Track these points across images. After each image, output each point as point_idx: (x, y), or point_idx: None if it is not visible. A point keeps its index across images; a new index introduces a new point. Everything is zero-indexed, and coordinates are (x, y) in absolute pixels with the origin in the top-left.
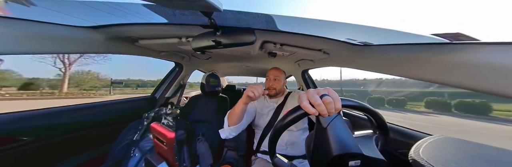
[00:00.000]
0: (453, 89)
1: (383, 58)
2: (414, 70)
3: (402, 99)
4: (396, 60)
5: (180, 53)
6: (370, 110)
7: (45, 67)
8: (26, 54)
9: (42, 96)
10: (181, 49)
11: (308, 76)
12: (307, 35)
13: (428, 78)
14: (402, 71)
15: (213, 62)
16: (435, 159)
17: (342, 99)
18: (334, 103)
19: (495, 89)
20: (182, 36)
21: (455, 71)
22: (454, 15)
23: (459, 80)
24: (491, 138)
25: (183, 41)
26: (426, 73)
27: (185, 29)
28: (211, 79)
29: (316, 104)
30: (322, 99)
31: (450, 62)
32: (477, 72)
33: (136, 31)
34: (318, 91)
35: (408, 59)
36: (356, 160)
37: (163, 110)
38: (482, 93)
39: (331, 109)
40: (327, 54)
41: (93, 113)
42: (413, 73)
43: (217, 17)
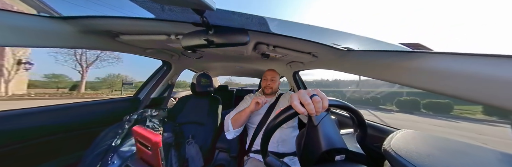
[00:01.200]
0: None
1: (362, 62)
2: (386, 74)
3: (377, 97)
4: (372, 64)
5: (168, 51)
6: (352, 109)
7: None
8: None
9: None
10: (169, 47)
11: (299, 77)
12: (298, 39)
13: (396, 80)
14: (377, 74)
15: (205, 61)
16: (401, 150)
17: (329, 99)
18: (322, 102)
19: (442, 90)
20: (171, 33)
21: (414, 74)
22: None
23: (417, 82)
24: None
25: (172, 39)
26: (395, 76)
27: (174, 26)
28: (202, 79)
29: (306, 103)
30: (311, 99)
31: (411, 67)
32: (428, 76)
33: (117, 26)
34: (308, 92)
35: (381, 64)
36: (341, 155)
37: (148, 112)
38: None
39: (319, 108)
40: (315, 57)
41: (64, 116)
42: (385, 76)
43: (209, 16)
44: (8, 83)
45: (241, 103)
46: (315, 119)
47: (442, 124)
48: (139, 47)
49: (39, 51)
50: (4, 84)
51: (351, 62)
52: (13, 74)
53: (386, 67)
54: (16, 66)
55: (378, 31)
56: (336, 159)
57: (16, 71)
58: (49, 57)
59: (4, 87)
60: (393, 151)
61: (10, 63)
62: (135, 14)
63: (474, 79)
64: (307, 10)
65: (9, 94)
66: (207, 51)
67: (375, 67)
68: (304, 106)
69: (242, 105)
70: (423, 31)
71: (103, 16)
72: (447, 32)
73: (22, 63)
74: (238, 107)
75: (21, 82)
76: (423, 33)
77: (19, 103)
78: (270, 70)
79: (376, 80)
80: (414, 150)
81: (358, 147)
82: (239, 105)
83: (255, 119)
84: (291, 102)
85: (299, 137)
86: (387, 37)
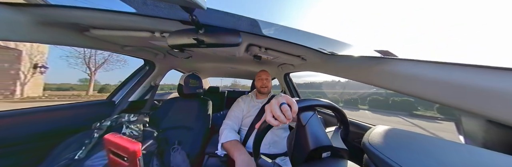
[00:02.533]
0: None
1: (343, 66)
2: (362, 76)
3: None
4: (351, 67)
5: (151, 49)
6: (336, 108)
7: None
8: None
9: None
10: (153, 45)
11: (289, 79)
12: (288, 42)
13: (370, 82)
14: (355, 77)
15: (194, 61)
16: (376, 143)
17: (317, 100)
18: (291, 109)
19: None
20: (156, 30)
21: (383, 77)
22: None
23: (386, 83)
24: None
25: (157, 36)
26: (369, 78)
27: (159, 23)
28: (191, 80)
29: (276, 115)
30: (280, 108)
31: (380, 71)
32: (393, 78)
33: (87, 18)
34: (278, 101)
35: (359, 67)
36: (327, 152)
37: (124, 117)
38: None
39: (289, 116)
40: (304, 60)
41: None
42: (362, 78)
43: (199, 15)
44: (23, 86)
45: (233, 107)
46: (303, 120)
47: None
48: (115, 44)
49: (52, 55)
50: (20, 86)
51: (334, 65)
52: (29, 77)
53: (363, 70)
54: (32, 69)
55: (378, 31)
56: (323, 156)
57: (32, 74)
58: (62, 61)
59: (19, 89)
60: (369, 145)
61: (26, 67)
62: (110, 6)
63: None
64: (300, 13)
65: (24, 96)
66: (196, 51)
67: (354, 70)
68: (276, 118)
69: (235, 109)
70: (422, 31)
71: (68, 7)
72: (447, 32)
73: (38, 67)
74: (231, 111)
75: (37, 85)
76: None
77: (30, 104)
78: (263, 71)
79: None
80: (387, 143)
81: (342, 143)
82: (232, 109)
83: (246, 121)
84: (265, 117)
85: (290, 137)
86: (386, 37)
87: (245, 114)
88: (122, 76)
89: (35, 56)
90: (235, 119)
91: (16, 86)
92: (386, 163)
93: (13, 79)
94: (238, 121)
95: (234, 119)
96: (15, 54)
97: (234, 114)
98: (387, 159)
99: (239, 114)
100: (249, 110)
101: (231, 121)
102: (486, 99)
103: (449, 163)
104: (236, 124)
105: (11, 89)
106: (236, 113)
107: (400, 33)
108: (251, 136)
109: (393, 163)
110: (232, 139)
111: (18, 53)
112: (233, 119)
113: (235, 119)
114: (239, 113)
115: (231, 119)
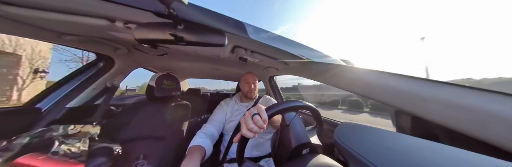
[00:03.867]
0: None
1: (319, 71)
2: (332, 80)
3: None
4: (324, 73)
5: (109, 41)
6: (312, 108)
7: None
8: None
9: None
10: (113, 36)
11: (274, 81)
12: (273, 47)
13: (337, 85)
14: (327, 81)
15: (171, 60)
16: (343, 138)
17: (297, 101)
18: (260, 119)
19: (361, 91)
20: (117, 19)
21: (345, 81)
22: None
23: (347, 87)
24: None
25: (118, 26)
26: (336, 82)
27: (124, 11)
28: (165, 81)
29: (249, 128)
30: (253, 119)
31: (343, 76)
32: (351, 82)
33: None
34: (250, 112)
35: (329, 73)
36: (306, 149)
37: (57, 131)
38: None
39: (261, 126)
40: (287, 65)
41: None
42: (331, 82)
43: (179, 9)
44: (21, 91)
45: (216, 110)
46: (287, 120)
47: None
48: (49, 30)
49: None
50: (17, 92)
51: (312, 70)
52: (28, 82)
53: (332, 76)
54: (32, 75)
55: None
56: (303, 153)
57: (31, 79)
58: (63, 66)
59: (17, 95)
60: (338, 140)
61: (25, 72)
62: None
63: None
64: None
65: (22, 101)
66: (174, 49)
67: (326, 75)
68: (250, 130)
69: (217, 112)
70: (337, 56)
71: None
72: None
73: (39, 72)
74: (213, 115)
75: (38, 90)
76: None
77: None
78: (250, 73)
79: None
80: (352, 137)
81: (317, 140)
82: (214, 112)
83: (230, 126)
84: (241, 131)
85: (274, 138)
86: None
87: (228, 118)
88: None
89: (36, 61)
90: (216, 123)
91: (13, 91)
92: (351, 155)
93: (10, 84)
94: (219, 125)
95: (215, 123)
96: (14, 59)
97: (216, 118)
98: (351, 150)
99: (222, 118)
100: (233, 114)
101: (211, 125)
102: (411, 100)
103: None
104: (216, 128)
105: (7, 95)
106: (218, 117)
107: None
108: (234, 143)
109: (357, 154)
110: (194, 144)
111: (18, 58)
112: (214, 123)
113: (216, 123)
114: (222, 117)
115: (212, 123)
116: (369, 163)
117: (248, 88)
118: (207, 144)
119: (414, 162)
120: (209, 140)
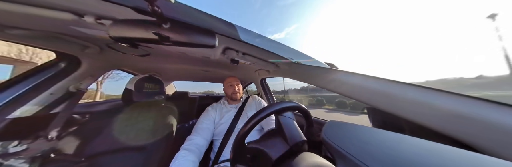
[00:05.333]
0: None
1: (306, 73)
2: (318, 82)
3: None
4: (312, 75)
5: (75, 38)
6: (302, 109)
7: None
8: None
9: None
10: (79, 33)
11: (265, 83)
12: (264, 49)
13: (323, 86)
14: (314, 82)
15: (154, 61)
16: (331, 136)
17: (291, 102)
18: None
19: (343, 92)
20: (87, 13)
21: (329, 83)
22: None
23: (330, 87)
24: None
25: (88, 22)
26: (321, 83)
27: (97, 4)
28: (147, 84)
29: None
30: None
31: (328, 78)
32: (335, 83)
33: None
34: None
35: (316, 75)
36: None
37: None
38: (338, 94)
39: None
40: (278, 67)
41: None
42: (317, 83)
43: (164, 7)
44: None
45: (201, 118)
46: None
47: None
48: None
49: None
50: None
51: (301, 72)
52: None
53: (318, 77)
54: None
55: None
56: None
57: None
58: None
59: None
60: (325, 137)
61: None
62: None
63: (353, 86)
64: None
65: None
66: (158, 49)
67: (312, 77)
68: None
69: (204, 120)
70: (323, 59)
71: None
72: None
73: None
74: (198, 124)
75: None
76: (322, 61)
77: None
78: (232, 77)
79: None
80: (338, 135)
81: (301, 135)
82: (200, 121)
83: (220, 129)
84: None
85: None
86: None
87: (218, 121)
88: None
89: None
90: (202, 131)
91: None
92: (337, 151)
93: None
94: (208, 134)
95: (201, 132)
96: (31, 67)
97: (203, 126)
98: (338, 147)
99: (210, 125)
100: (222, 116)
101: (197, 136)
102: (384, 98)
103: (372, 144)
104: (204, 137)
105: None
106: (205, 125)
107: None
108: (227, 145)
109: (343, 150)
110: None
111: (34, 66)
112: (200, 133)
113: (202, 131)
114: (210, 124)
115: (199, 133)
116: (353, 158)
117: (232, 90)
118: (190, 164)
119: (389, 153)
120: (193, 157)
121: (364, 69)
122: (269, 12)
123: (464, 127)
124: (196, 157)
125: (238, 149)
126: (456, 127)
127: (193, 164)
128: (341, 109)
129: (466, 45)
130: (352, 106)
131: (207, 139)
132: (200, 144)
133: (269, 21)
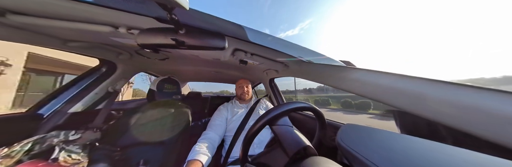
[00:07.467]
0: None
1: (318, 72)
2: (331, 81)
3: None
4: (323, 74)
5: (112, 47)
6: (315, 110)
7: None
8: None
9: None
10: (116, 42)
11: (274, 84)
12: (273, 49)
13: (337, 86)
14: (327, 82)
15: (172, 64)
16: (346, 140)
17: (300, 102)
18: None
19: (361, 92)
20: (121, 25)
21: (345, 82)
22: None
23: (347, 87)
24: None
25: (121, 32)
26: (336, 83)
27: (127, 17)
28: (166, 85)
29: None
30: None
31: (344, 77)
32: (352, 83)
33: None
34: None
35: (330, 74)
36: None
37: (59, 136)
38: (356, 95)
39: None
40: (287, 66)
41: None
42: (331, 83)
43: (180, 14)
44: (122, 96)
45: (214, 116)
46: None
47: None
48: (54, 37)
49: None
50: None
51: (311, 72)
52: (124, 89)
53: (331, 77)
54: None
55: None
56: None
57: (126, 87)
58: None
59: (120, 99)
60: (341, 142)
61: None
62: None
63: (374, 86)
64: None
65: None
66: (175, 53)
67: (325, 76)
68: None
69: (217, 118)
70: (337, 57)
71: None
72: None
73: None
74: (212, 120)
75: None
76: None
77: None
78: (243, 79)
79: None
80: (356, 139)
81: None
82: (213, 118)
83: (231, 126)
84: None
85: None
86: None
87: (229, 119)
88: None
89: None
90: (216, 127)
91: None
92: (356, 158)
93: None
94: (221, 130)
95: (215, 128)
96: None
97: (216, 123)
98: (356, 153)
99: (222, 122)
100: (233, 114)
101: (212, 131)
102: (414, 100)
103: (398, 152)
104: (218, 133)
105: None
106: (218, 122)
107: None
108: (238, 141)
109: (362, 157)
110: (191, 158)
111: None
112: (214, 128)
113: (216, 127)
114: (222, 121)
115: (212, 129)
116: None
117: (241, 91)
118: (205, 157)
119: (421, 164)
120: (208, 150)
121: (370, 65)
122: (279, 10)
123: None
124: (210, 150)
125: (247, 146)
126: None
127: (207, 156)
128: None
129: (484, 41)
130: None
131: (220, 134)
132: (213, 139)
133: (281, 18)
